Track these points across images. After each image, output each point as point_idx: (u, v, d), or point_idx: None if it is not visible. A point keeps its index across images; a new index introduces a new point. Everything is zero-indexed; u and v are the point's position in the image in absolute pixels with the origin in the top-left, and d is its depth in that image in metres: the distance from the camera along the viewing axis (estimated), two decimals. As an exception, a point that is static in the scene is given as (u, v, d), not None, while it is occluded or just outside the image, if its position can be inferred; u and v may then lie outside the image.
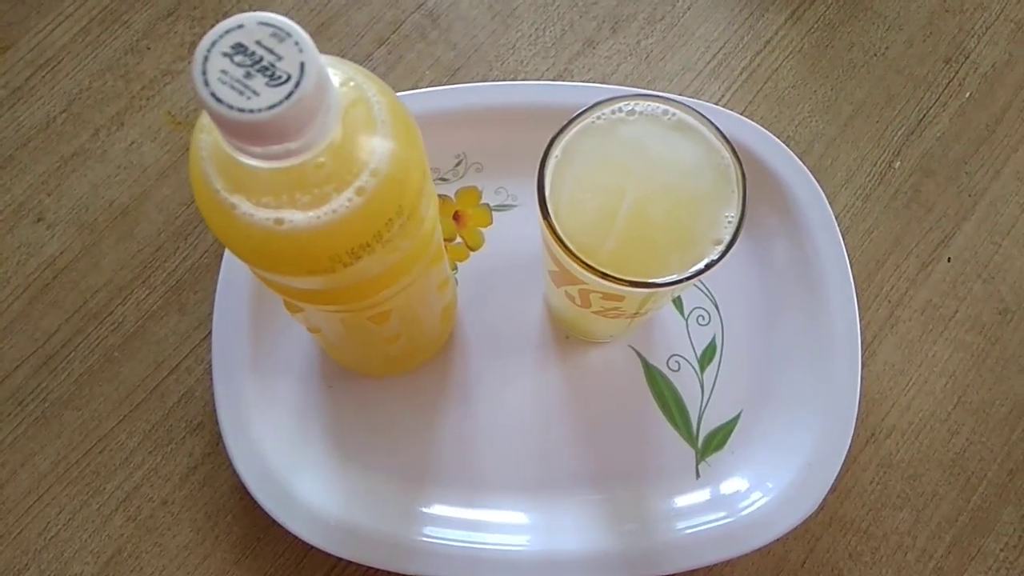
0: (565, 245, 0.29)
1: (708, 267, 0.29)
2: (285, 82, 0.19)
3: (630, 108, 0.31)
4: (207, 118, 0.23)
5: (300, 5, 0.48)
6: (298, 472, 0.38)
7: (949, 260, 0.44)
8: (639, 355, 0.41)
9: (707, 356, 0.41)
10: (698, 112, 0.31)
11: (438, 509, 0.38)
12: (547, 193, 0.30)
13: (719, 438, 0.40)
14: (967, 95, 0.47)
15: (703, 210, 0.30)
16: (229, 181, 0.22)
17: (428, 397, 0.40)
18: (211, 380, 0.39)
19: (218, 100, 0.19)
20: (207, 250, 0.43)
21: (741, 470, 0.39)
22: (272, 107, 0.19)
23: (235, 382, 0.38)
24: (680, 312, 0.42)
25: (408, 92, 0.43)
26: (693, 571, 0.37)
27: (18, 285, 0.42)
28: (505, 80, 0.46)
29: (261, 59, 0.19)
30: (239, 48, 0.19)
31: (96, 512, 0.39)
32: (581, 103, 0.31)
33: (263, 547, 0.39)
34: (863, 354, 0.40)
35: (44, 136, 0.45)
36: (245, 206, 0.22)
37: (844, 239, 0.40)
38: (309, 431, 0.39)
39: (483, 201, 0.43)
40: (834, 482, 0.37)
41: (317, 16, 0.47)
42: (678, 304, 0.42)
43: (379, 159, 0.23)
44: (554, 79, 0.46)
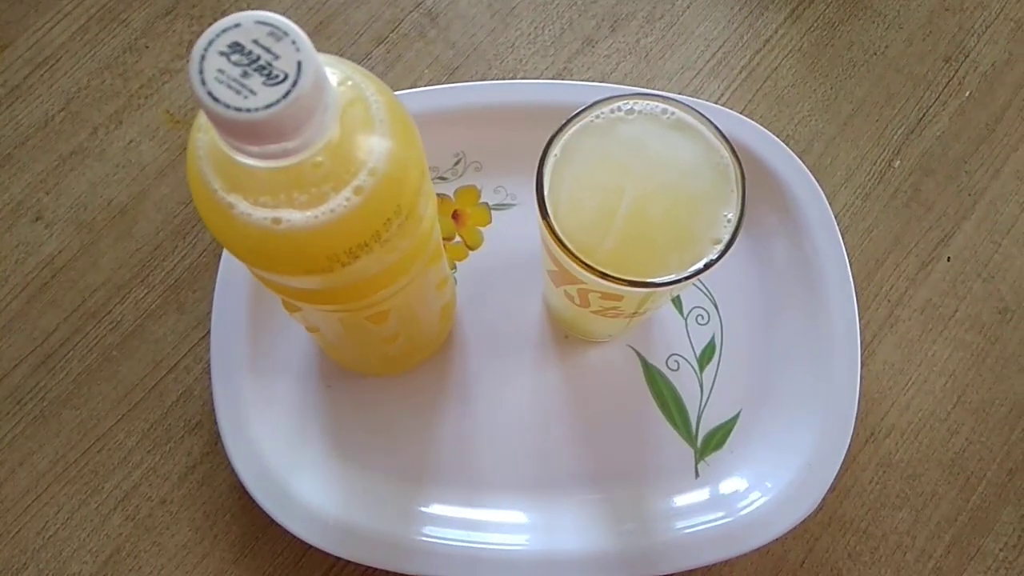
0: (564, 244, 0.29)
1: (707, 267, 0.29)
2: (282, 81, 0.19)
3: (629, 107, 0.31)
4: (204, 117, 0.22)
5: (298, 4, 0.48)
6: (297, 471, 0.38)
7: (949, 259, 0.44)
8: (638, 354, 0.41)
9: (706, 355, 0.41)
10: (697, 111, 0.31)
11: (437, 508, 0.38)
12: (546, 192, 0.30)
13: (718, 437, 0.40)
14: (967, 94, 0.47)
15: (702, 209, 0.30)
16: (226, 180, 0.22)
17: (427, 396, 0.40)
18: (210, 379, 0.39)
19: (215, 99, 0.19)
20: (206, 249, 0.43)
21: (740, 469, 0.39)
22: (269, 106, 0.19)
23: (234, 381, 0.38)
24: (679, 311, 0.42)
25: (407, 91, 0.43)
26: (692, 571, 0.37)
27: (16, 284, 0.42)
28: (504, 79, 0.46)
29: (258, 58, 0.19)
30: (236, 47, 0.19)
31: (94, 511, 0.39)
32: (580, 102, 0.31)
33: (261, 546, 0.39)
34: (862, 353, 0.40)
35: (42, 135, 0.45)
36: (243, 205, 0.22)
37: (843, 238, 0.40)
38: (308, 430, 0.39)
39: (482, 200, 0.43)
40: (833, 482, 0.37)
41: (315, 15, 0.47)
42: (677, 303, 0.42)
43: (377, 158, 0.23)
44: (553, 78, 0.46)
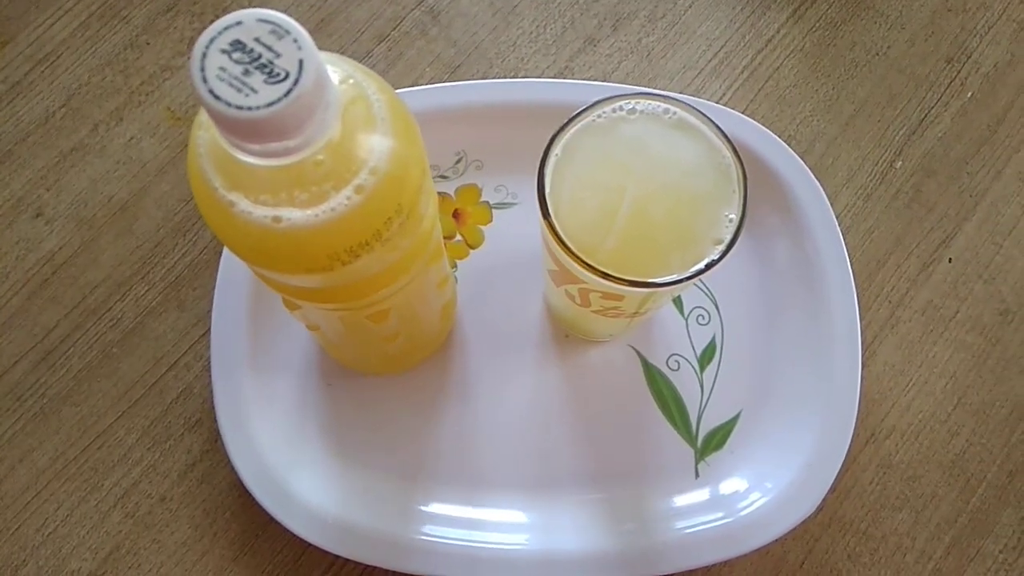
0: (565, 244, 0.29)
1: (708, 267, 0.29)
2: (283, 79, 0.19)
3: (631, 106, 0.31)
4: (205, 115, 0.22)
5: (300, 1, 0.47)
6: (296, 469, 0.38)
7: (950, 260, 0.44)
8: (639, 354, 0.41)
9: (707, 356, 0.41)
10: (699, 111, 0.31)
11: (436, 507, 0.38)
12: (547, 191, 0.30)
13: (718, 438, 0.40)
14: (969, 95, 0.46)
15: (704, 209, 0.30)
16: (227, 178, 0.22)
17: (427, 395, 0.40)
18: (210, 377, 0.39)
19: (216, 97, 0.19)
20: (206, 246, 0.43)
21: (740, 470, 0.39)
22: (270, 104, 0.19)
23: (234, 379, 0.38)
24: (680, 311, 0.42)
25: (408, 89, 0.43)
26: (692, 571, 0.37)
27: (17, 280, 0.42)
28: (506, 77, 0.46)
29: (259, 56, 0.19)
30: (237, 45, 0.19)
31: (94, 508, 0.39)
32: (582, 101, 0.31)
33: (261, 544, 0.39)
34: (863, 354, 0.40)
35: (43, 131, 0.45)
36: (243, 204, 0.22)
37: (845, 239, 0.40)
38: (307, 429, 0.39)
39: (483, 199, 0.43)
40: (833, 482, 0.37)
41: (317, 12, 0.47)
42: (678, 303, 0.42)
43: (378, 157, 0.23)
44: (555, 77, 0.46)
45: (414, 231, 0.26)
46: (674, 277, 0.29)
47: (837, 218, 0.41)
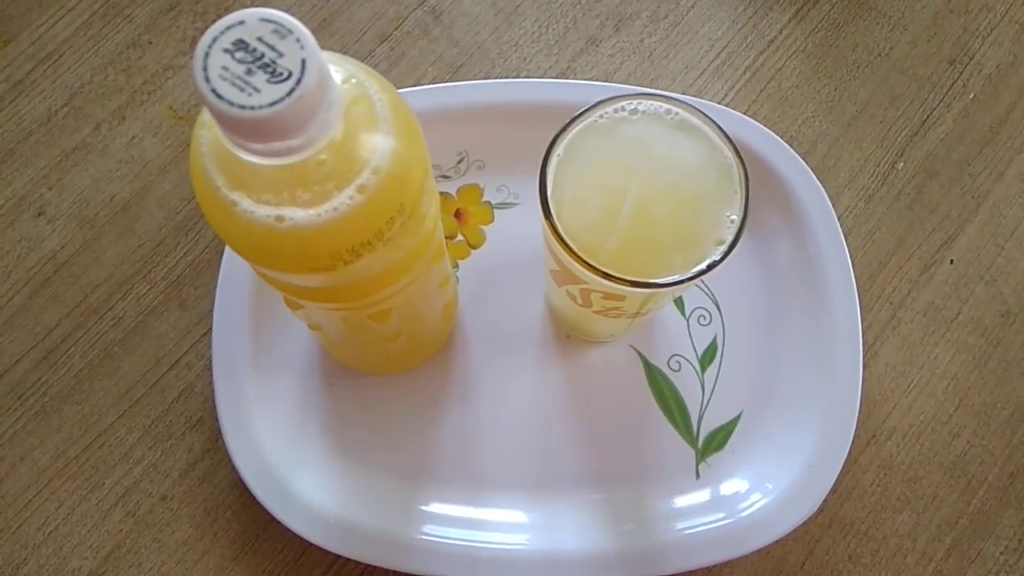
0: (567, 244, 0.29)
1: (710, 268, 0.29)
2: (286, 79, 0.19)
3: (633, 107, 0.31)
4: (208, 114, 0.22)
5: (302, 1, 0.47)
6: (297, 469, 0.38)
7: (952, 262, 0.44)
8: (640, 355, 0.41)
9: (708, 356, 0.41)
10: (701, 111, 0.31)
11: (437, 507, 0.38)
12: (549, 192, 0.30)
13: (719, 438, 0.40)
14: (971, 96, 0.46)
15: (706, 210, 0.30)
16: (230, 178, 0.22)
17: (428, 395, 0.40)
18: (211, 376, 0.39)
19: (219, 97, 0.19)
20: (208, 246, 0.43)
21: (741, 471, 0.39)
22: (273, 104, 0.19)
23: (235, 378, 0.38)
24: (681, 312, 0.42)
25: (410, 89, 0.43)
26: (692, 572, 0.37)
27: (18, 279, 0.42)
28: (508, 78, 0.46)
29: (262, 55, 0.19)
30: (240, 44, 0.19)
31: (95, 507, 0.39)
32: (584, 101, 0.31)
33: (262, 544, 0.39)
34: (864, 355, 0.40)
35: (45, 130, 0.45)
36: (246, 203, 0.22)
37: (846, 240, 0.40)
38: (309, 428, 0.39)
39: (485, 199, 0.43)
40: (834, 484, 0.37)
41: (319, 12, 0.47)
42: (679, 304, 0.42)
43: (381, 156, 0.23)
44: (557, 77, 0.46)
45: (416, 231, 0.26)
46: (676, 278, 0.29)
47: (839, 219, 0.41)
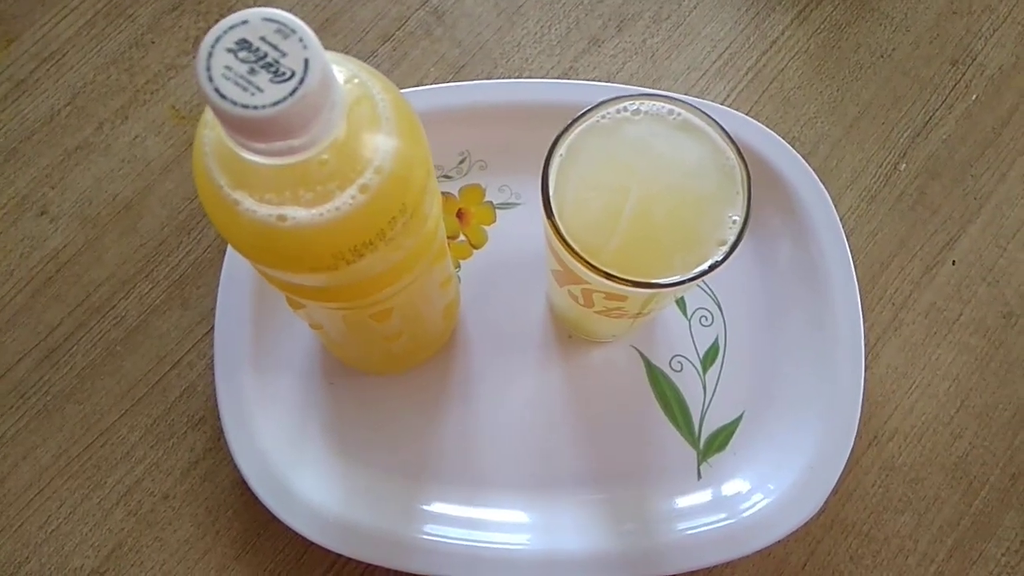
0: (569, 244, 0.29)
1: (712, 268, 0.29)
2: (289, 79, 0.19)
3: (635, 107, 0.31)
4: (211, 114, 0.22)
5: (305, 1, 0.48)
6: (299, 468, 0.38)
7: (954, 263, 0.44)
8: (641, 355, 0.41)
9: (710, 357, 0.41)
10: (703, 112, 0.31)
11: (438, 507, 0.38)
12: (551, 192, 0.30)
13: (721, 439, 0.40)
14: (973, 97, 0.46)
15: (708, 210, 0.30)
16: (232, 177, 0.22)
17: (430, 395, 0.40)
18: (213, 375, 0.39)
19: (222, 96, 0.19)
20: (210, 245, 0.43)
21: (743, 471, 0.39)
22: (276, 104, 0.19)
23: (237, 378, 0.38)
24: (683, 312, 0.42)
25: (412, 89, 0.43)
26: (693, 572, 0.37)
27: (21, 278, 0.42)
28: (510, 78, 0.46)
29: (265, 55, 0.19)
30: (243, 44, 0.19)
31: (97, 506, 0.39)
32: (586, 101, 0.31)
33: (263, 543, 0.39)
34: (866, 356, 0.40)
35: (48, 129, 0.45)
36: (248, 202, 0.22)
37: (848, 241, 0.40)
38: (310, 427, 0.39)
39: (486, 199, 0.43)
40: (836, 485, 0.37)
41: (321, 12, 0.47)
42: (681, 304, 0.42)
43: (383, 156, 0.23)
44: (559, 77, 0.46)
45: (418, 231, 0.26)
46: (678, 278, 0.29)
47: (841, 220, 0.41)
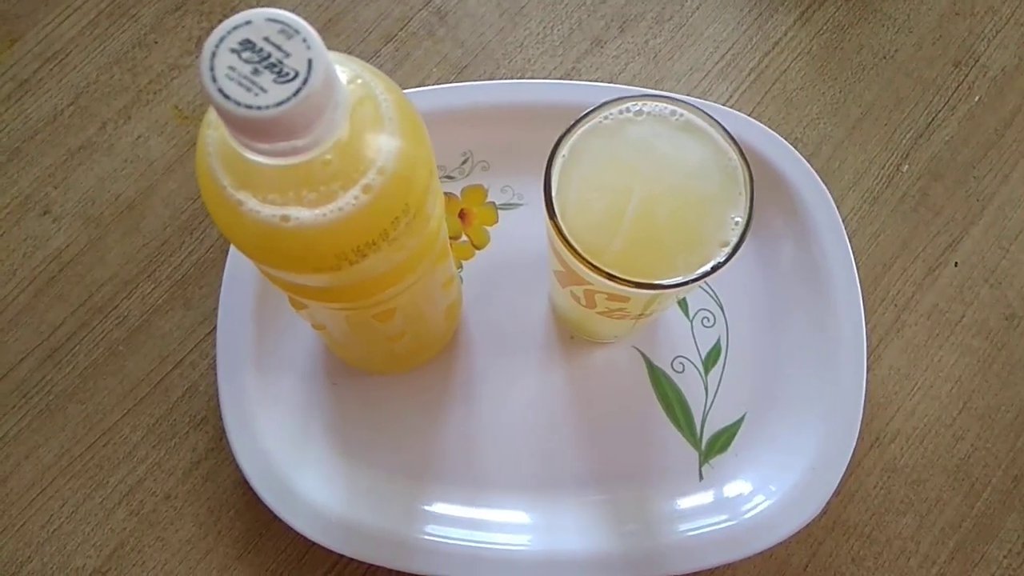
0: (571, 245, 0.29)
1: (715, 269, 0.29)
2: (293, 79, 0.19)
3: (638, 108, 0.31)
4: (214, 114, 0.23)
5: (307, 1, 0.48)
6: (301, 468, 0.38)
7: (956, 264, 0.43)
8: (643, 356, 0.41)
9: (712, 358, 0.41)
10: (706, 113, 0.31)
11: (440, 507, 0.38)
12: (554, 193, 0.30)
13: (723, 440, 0.40)
14: (976, 99, 0.46)
15: (710, 211, 0.30)
16: (236, 177, 0.22)
17: (432, 395, 0.40)
18: (215, 375, 0.39)
19: (226, 96, 0.19)
20: (213, 245, 0.43)
21: (744, 473, 0.39)
22: (280, 104, 0.19)
23: (239, 378, 0.38)
24: (685, 314, 0.42)
25: (415, 89, 0.43)
26: (695, 574, 0.37)
27: (24, 278, 0.42)
28: (512, 78, 0.46)
29: (269, 56, 0.19)
30: (247, 44, 0.19)
31: (99, 506, 0.39)
32: (588, 102, 0.31)
33: (265, 543, 0.39)
34: (868, 358, 0.40)
35: (51, 129, 0.45)
36: (251, 203, 0.22)
37: (851, 242, 0.40)
38: (312, 428, 0.39)
39: (489, 199, 0.43)
40: (838, 486, 0.37)
41: (324, 12, 0.47)
42: (683, 305, 0.42)
43: (386, 157, 0.23)
44: (562, 78, 0.46)
45: (421, 231, 0.26)
46: (680, 279, 0.29)
47: (843, 221, 0.41)
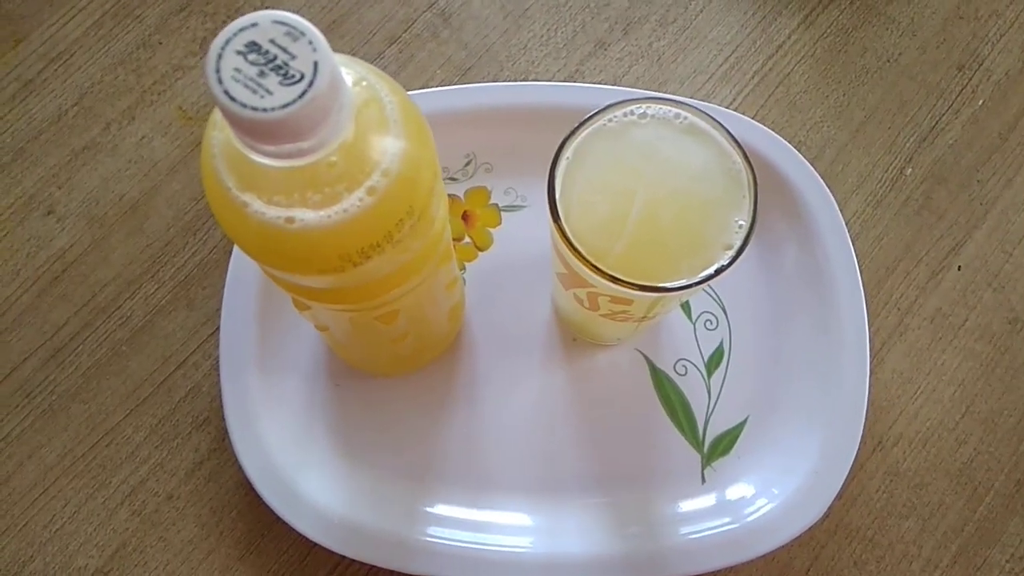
0: (575, 247, 0.29)
1: (718, 272, 0.29)
2: (298, 81, 0.19)
3: (642, 111, 0.31)
4: (219, 115, 0.23)
5: (311, 2, 0.48)
6: (303, 470, 0.38)
7: (959, 268, 0.43)
8: (646, 359, 0.41)
9: (714, 361, 0.41)
10: (710, 116, 0.31)
11: (442, 509, 0.38)
12: (557, 195, 0.30)
13: (725, 443, 0.40)
14: (980, 102, 0.46)
15: (714, 214, 0.30)
16: (241, 179, 0.22)
17: (434, 397, 0.40)
18: (218, 376, 0.39)
19: (232, 98, 0.19)
20: (216, 246, 0.43)
21: (747, 476, 0.39)
22: (285, 106, 0.19)
23: (242, 378, 0.38)
24: (688, 316, 0.42)
25: (419, 91, 0.43)
26: (697, 576, 0.37)
27: (27, 278, 0.43)
28: (516, 80, 0.46)
29: (275, 58, 0.19)
30: (253, 46, 0.19)
31: (101, 506, 0.39)
32: (592, 105, 0.31)
33: (267, 544, 0.39)
34: (871, 361, 0.40)
35: (55, 129, 0.45)
36: (256, 204, 0.22)
37: (854, 245, 0.40)
38: (315, 429, 0.39)
39: (492, 201, 0.43)
40: (840, 490, 0.37)
41: (328, 14, 0.47)
42: (686, 308, 0.42)
43: (391, 159, 0.23)
44: (565, 80, 0.46)
45: (425, 233, 0.26)
46: (683, 282, 0.29)
47: (846, 224, 0.41)
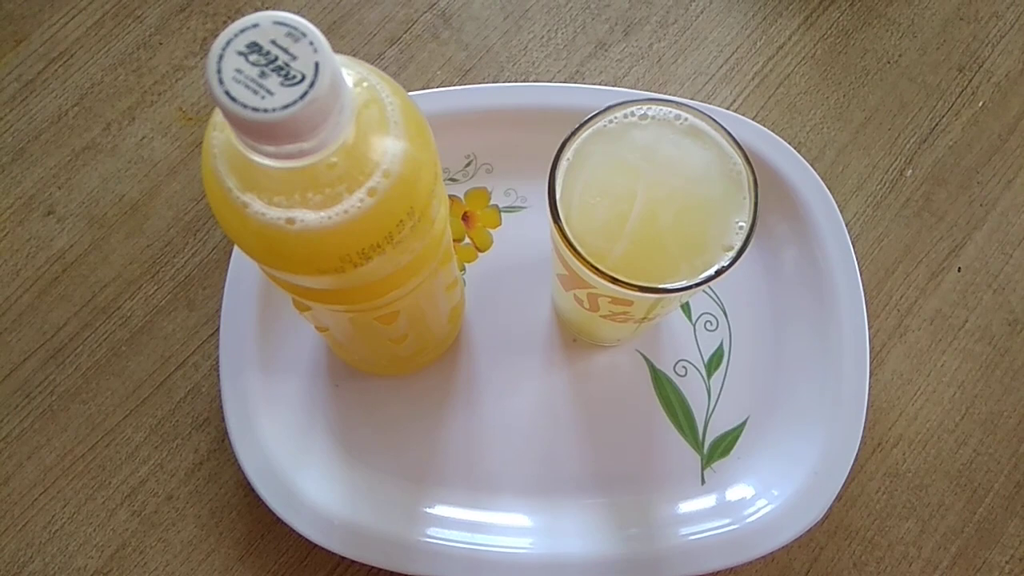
0: (575, 248, 0.29)
1: (718, 273, 0.29)
2: (299, 82, 0.19)
3: (642, 112, 0.31)
4: (220, 116, 0.23)
5: (312, 3, 0.48)
6: (303, 470, 0.38)
7: (959, 270, 0.43)
8: (646, 359, 0.41)
9: (714, 362, 0.41)
10: (710, 117, 0.31)
11: (442, 510, 0.38)
12: (558, 196, 0.30)
13: (725, 444, 0.40)
14: (980, 104, 0.46)
15: (714, 215, 0.30)
16: (241, 179, 0.22)
17: (434, 397, 0.40)
18: (218, 376, 0.39)
19: (232, 99, 0.19)
20: (216, 246, 0.43)
21: (747, 477, 0.39)
22: (286, 107, 0.19)
23: (242, 379, 0.38)
24: (688, 317, 0.42)
25: (419, 92, 0.43)
26: (697, 577, 0.37)
27: (27, 278, 0.43)
28: (516, 81, 0.46)
29: (276, 58, 0.19)
30: (254, 47, 0.19)
31: (101, 506, 0.39)
32: (593, 106, 0.31)
33: (267, 544, 0.39)
34: (871, 362, 0.40)
35: (55, 129, 0.45)
36: (257, 205, 0.22)
37: (854, 246, 0.40)
38: (315, 429, 0.39)
39: (492, 202, 0.43)
40: (840, 491, 0.37)
41: (329, 14, 0.47)
42: (686, 309, 0.42)
43: (391, 160, 0.23)
44: (566, 81, 0.46)
45: (425, 234, 0.26)
46: (684, 283, 0.29)
47: (846, 226, 0.41)
